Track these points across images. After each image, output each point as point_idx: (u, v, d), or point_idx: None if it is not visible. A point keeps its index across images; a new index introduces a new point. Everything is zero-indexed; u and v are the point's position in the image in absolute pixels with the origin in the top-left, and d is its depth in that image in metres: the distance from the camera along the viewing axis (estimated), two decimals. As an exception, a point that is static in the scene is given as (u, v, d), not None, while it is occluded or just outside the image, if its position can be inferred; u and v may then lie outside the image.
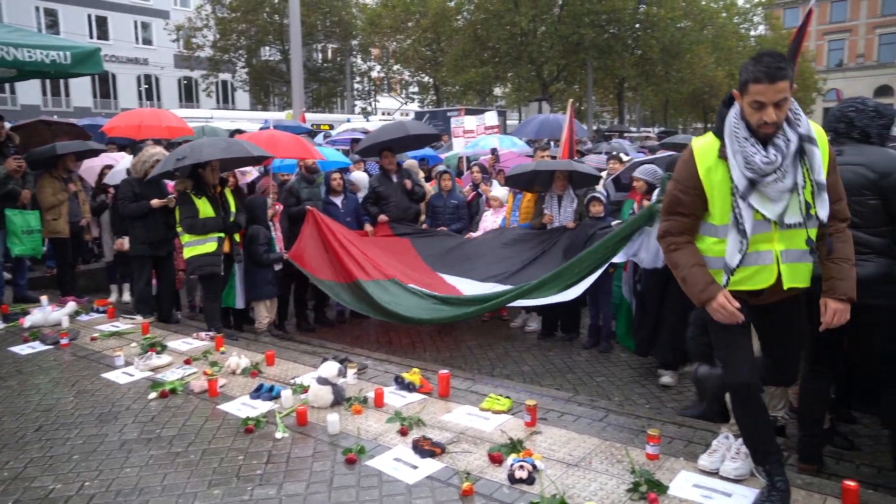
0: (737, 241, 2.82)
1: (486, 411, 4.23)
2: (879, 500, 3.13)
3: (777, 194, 2.75)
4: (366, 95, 41.77)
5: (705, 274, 2.91)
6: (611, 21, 29.44)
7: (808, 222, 2.78)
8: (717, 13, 35.97)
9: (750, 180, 2.75)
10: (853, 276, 2.87)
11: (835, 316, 2.87)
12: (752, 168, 2.73)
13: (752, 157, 2.73)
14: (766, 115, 2.66)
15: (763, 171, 2.72)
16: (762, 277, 2.88)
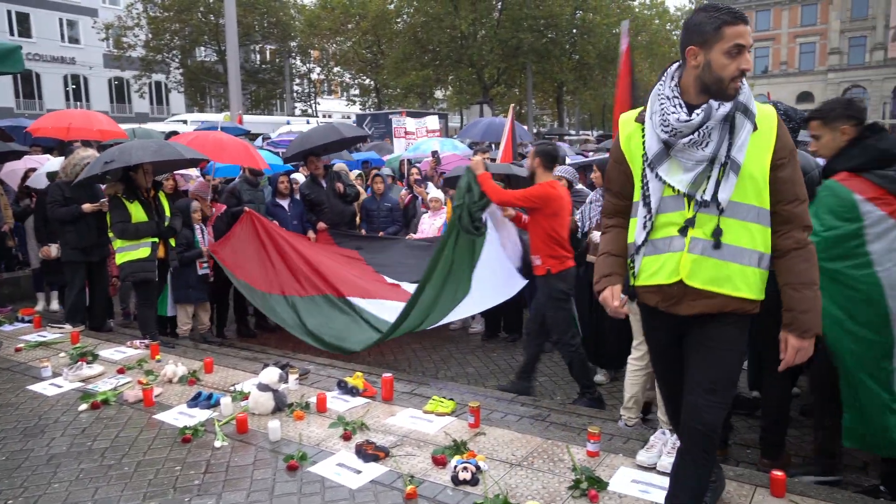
0: (642, 217, 2.46)
1: (430, 414, 4.23)
2: (805, 488, 3.28)
3: (692, 164, 2.35)
4: (306, 97, 41.23)
5: (609, 265, 2.65)
6: (549, 26, 29.97)
7: (710, 206, 2.34)
8: (650, 20, 37.13)
9: (664, 143, 2.37)
10: (818, 305, 2.39)
11: (797, 354, 2.39)
12: (667, 128, 2.35)
13: (668, 115, 2.35)
14: (745, 60, 2.28)
15: (677, 131, 2.32)
16: (668, 268, 2.42)
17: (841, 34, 56.60)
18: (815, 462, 3.70)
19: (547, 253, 4.89)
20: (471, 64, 30.42)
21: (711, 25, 2.28)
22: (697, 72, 2.33)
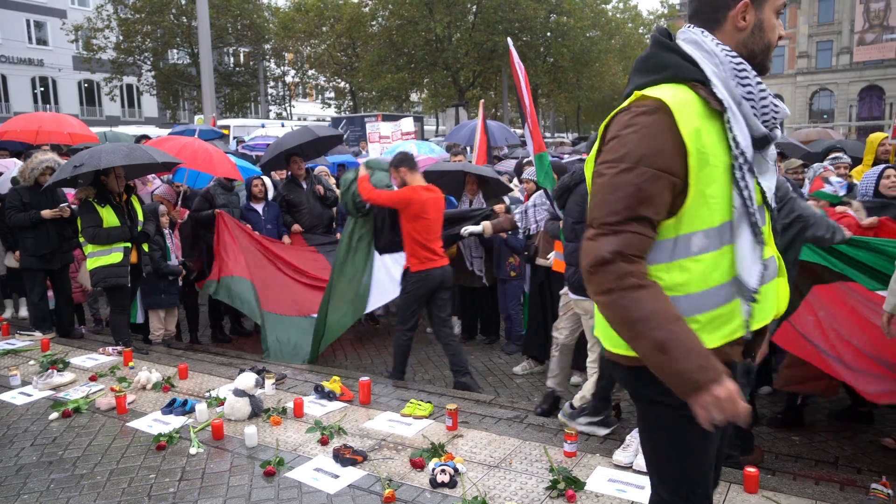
0: (750, 242, 1.71)
1: (408, 417, 4.24)
2: (777, 483, 3.35)
3: (771, 163, 1.81)
4: (280, 100, 40.96)
5: (698, 340, 1.62)
6: (523, 29, 30.14)
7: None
8: (623, 23, 37.56)
9: (763, 137, 1.74)
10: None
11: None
12: (767, 115, 1.74)
13: (768, 100, 1.74)
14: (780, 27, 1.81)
15: (778, 120, 1.78)
16: (771, 299, 1.83)
17: (809, 38, 57.87)
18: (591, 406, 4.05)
19: (409, 252, 5.24)
20: (446, 67, 30.49)
21: None
22: (743, 36, 1.75)
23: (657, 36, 1.81)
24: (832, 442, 4.21)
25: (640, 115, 1.67)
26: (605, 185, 1.68)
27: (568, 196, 4.19)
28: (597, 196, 1.70)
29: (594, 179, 1.74)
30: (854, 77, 55.54)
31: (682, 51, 1.74)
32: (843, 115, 54.71)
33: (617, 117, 1.73)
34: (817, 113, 55.72)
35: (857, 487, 3.42)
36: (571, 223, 4.11)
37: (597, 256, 1.65)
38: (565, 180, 4.20)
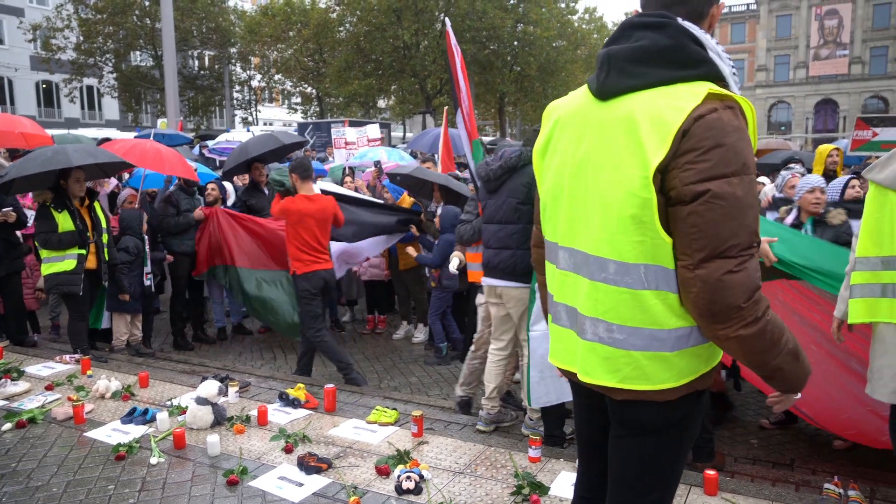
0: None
1: (374, 424, 4.22)
2: (736, 486, 3.42)
3: None
4: (246, 105, 40.49)
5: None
6: (490, 38, 30.36)
7: None
8: (588, 34, 38.09)
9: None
10: None
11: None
12: None
13: None
14: None
15: None
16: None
17: (767, 52, 59.55)
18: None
19: (293, 256, 5.46)
20: (413, 74, 30.53)
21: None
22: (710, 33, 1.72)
23: (679, 24, 1.62)
24: (789, 444, 4.32)
25: (736, 117, 1.53)
26: (739, 204, 1.49)
27: (510, 176, 4.05)
28: (734, 218, 1.49)
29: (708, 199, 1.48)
30: (810, 91, 57.27)
31: (707, 46, 1.62)
32: (799, 127, 56.34)
33: (706, 119, 1.50)
34: (775, 125, 57.24)
35: (812, 488, 3.52)
36: (516, 203, 4.01)
37: (751, 287, 1.52)
38: (511, 160, 4.01)
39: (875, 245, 2.91)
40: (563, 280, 1.80)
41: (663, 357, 1.63)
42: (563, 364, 1.86)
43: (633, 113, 1.58)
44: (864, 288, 2.95)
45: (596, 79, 1.70)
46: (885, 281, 2.84)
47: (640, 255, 1.59)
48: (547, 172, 1.85)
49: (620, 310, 1.63)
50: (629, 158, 1.57)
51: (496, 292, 4.20)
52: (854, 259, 3.03)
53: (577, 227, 1.74)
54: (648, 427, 1.72)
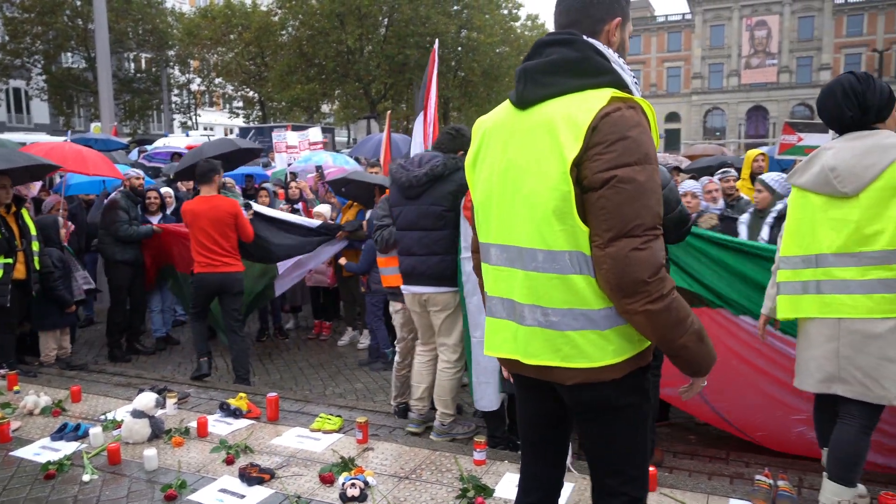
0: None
1: (317, 432, 4.17)
2: (674, 481, 3.52)
3: None
4: (185, 109, 39.47)
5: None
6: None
7: None
8: (531, 41, 38.71)
9: None
10: None
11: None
12: None
13: None
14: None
15: None
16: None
17: (702, 60, 61.69)
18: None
19: (193, 255, 5.63)
20: (357, 79, 30.39)
21: (623, 3, 1.94)
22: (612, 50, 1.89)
23: (585, 40, 1.83)
24: (725, 439, 4.46)
25: (637, 115, 1.72)
26: (642, 188, 1.67)
27: (434, 184, 4.02)
28: (637, 200, 1.66)
29: (615, 184, 1.65)
30: (742, 98, 59.58)
31: (610, 59, 1.83)
32: (733, 132, 58.55)
33: (611, 116, 1.68)
34: (710, 130, 59.37)
35: (745, 480, 3.65)
36: (441, 211, 4.01)
37: (656, 264, 1.67)
38: (437, 168, 3.99)
39: (797, 245, 3.04)
40: (497, 275, 1.95)
41: (597, 335, 1.78)
42: (502, 353, 1.97)
43: (551, 116, 1.77)
44: (787, 286, 3.08)
45: (516, 91, 1.89)
46: (807, 279, 2.97)
47: (563, 242, 1.75)
48: (478, 182, 2.02)
49: (553, 294, 1.79)
50: (550, 156, 1.75)
51: (420, 300, 4.16)
52: (779, 258, 3.17)
53: (506, 225, 1.90)
54: (602, 407, 1.87)
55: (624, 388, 1.84)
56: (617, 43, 1.90)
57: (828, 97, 2.97)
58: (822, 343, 2.91)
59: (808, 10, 58.94)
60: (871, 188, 2.76)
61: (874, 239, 2.76)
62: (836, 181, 2.83)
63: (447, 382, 4.22)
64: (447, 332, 4.19)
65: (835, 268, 2.85)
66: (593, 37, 1.85)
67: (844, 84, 2.91)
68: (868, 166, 2.76)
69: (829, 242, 2.88)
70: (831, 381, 2.90)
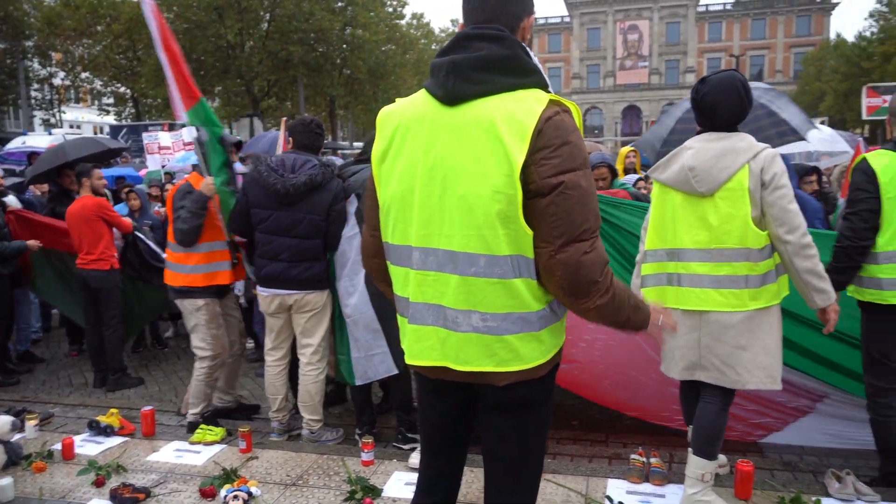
0: None
1: (198, 444, 3.99)
2: (557, 466, 3.65)
3: None
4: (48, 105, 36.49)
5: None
6: (319, 40, 29.96)
7: None
8: (416, 39, 38.95)
9: None
10: None
11: None
12: None
13: None
14: None
15: None
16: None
17: (580, 62, 64.58)
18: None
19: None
20: (239, 75, 29.30)
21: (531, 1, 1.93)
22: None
23: (513, 37, 1.79)
24: (605, 422, 4.67)
25: (572, 119, 1.74)
26: (587, 193, 1.71)
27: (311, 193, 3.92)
28: (584, 205, 1.69)
29: (563, 190, 1.67)
30: (617, 98, 62.92)
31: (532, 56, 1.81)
32: (610, 130, 61.76)
33: (553, 120, 1.69)
34: (590, 128, 62.19)
35: (622, 459, 3.85)
36: (318, 221, 3.95)
37: (603, 263, 1.74)
38: (317, 178, 3.91)
39: (660, 239, 3.21)
40: (423, 280, 1.83)
41: (533, 336, 1.79)
42: (428, 361, 1.87)
43: (489, 116, 1.70)
44: (652, 278, 3.25)
45: (442, 85, 1.77)
46: (670, 271, 3.15)
47: (507, 247, 1.71)
48: (390, 178, 1.87)
49: (492, 299, 1.75)
50: (491, 158, 1.68)
51: (286, 303, 4.06)
52: (644, 252, 3.34)
53: (433, 227, 1.78)
54: (526, 404, 1.88)
55: (546, 384, 1.90)
56: (528, 41, 1.88)
57: (729, 93, 2.99)
58: (685, 333, 3.09)
59: (675, 17, 63.16)
60: (723, 189, 2.92)
61: (725, 238, 2.94)
62: (693, 181, 2.98)
63: (313, 386, 4.13)
64: (311, 332, 4.11)
65: (692, 262, 3.03)
66: (511, 33, 1.82)
67: (741, 81, 3.01)
68: (722, 168, 2.92)
69: (687, 238, 3.04)
70: (694, 368, 3.10)
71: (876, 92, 8.27)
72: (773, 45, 63.35)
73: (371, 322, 3.97)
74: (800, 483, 3.52)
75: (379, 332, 3.98)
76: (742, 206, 2.90)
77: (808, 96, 45.83)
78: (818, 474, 3.61)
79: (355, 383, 4.13)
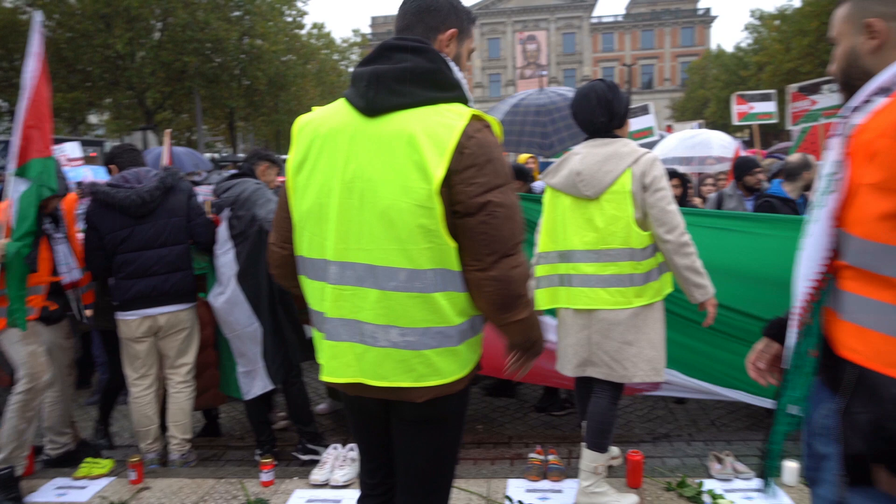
0: None
1: (83, 479, 3.75)
2: (459, 471, 3.66)
3: None
4: None
5: None
6: (215, 50, 29.02)
7: None
8: (318, 49, 38.43)
9: None
10: None
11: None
12: None
13: None
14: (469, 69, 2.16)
15: None
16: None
17: (482, 71, 65.96)
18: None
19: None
20: (130, 87, 27.94)
21: (466, 18, 1.97)
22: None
23: (435, 50, 1.81)
24: (508, 425, 4.77)
25: (492, 134, 1.77)
26: (512, 209, 1.74)
27: (167, 196, 3.86)
28: (510, 222, 1.73)
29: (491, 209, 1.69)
30: (519, 105, 64.36)
31: (454, 72, 1.83)
32: (513, 138, 63.14)
33: (476, 138, 1.70)
34: (494, 136, 63.46)
35: (524, 459, 3.93)
36: (182, 223, 3.90)
37: (527, 275, 1.79)
38: (167, 179, 3.85)
39: (552, 241, 3.33)
40: (339, 295, 1.78)
41: (451, 351, 1.78)
42: (344, 378, 1.83)
43: (410, 129, 1.69)
44: (545, 279, 3.36)
45: (363, 96, 1.75)
46: (562, 272, 3.26)
47: (429, 260, 1.70)
48: (306, 190, 1.82)
49: (412, 313, 1.73)
50: (413, 172, 1.67)
51: (156, 325, 3.90)
52: (537, 254, 3.44)
53: (351, 240, 1.75)
54: (443, 418, 1.89)
55: (463, 398, 1.92)
56: (452, 55, 1.89)
57: (583, 102, 3.19)
58: (577, 332, 3.20)
59: (570, 27, 65.66)
60: (608, 192, 3.06)
61: (611, 239, 3.08)
62: (580, 185, 3.11)
63: (186, 403, 4.06)
64: (185, 351, 4.03)
65: (581, 263, 3.16)
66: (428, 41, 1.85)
67: (598, 90, 3.17)
68: (607, 172, 3.06)
69: (576, 239, 3.17)
70: (585, 364, 3.21)
71: (743, 99, 8.87)
72: (662, 54, 66.95)
73: (256, 334, 3.88)
74: (686, 468, 3.72)
75: (259, 346, 3.90)
76: (626, 208, 3.05)
77: (694, 102, 48.73)
78: (703, 458, 3.82)
79: (247, 398, 4.01)
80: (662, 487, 3.38)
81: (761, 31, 37.97)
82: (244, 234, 3.85)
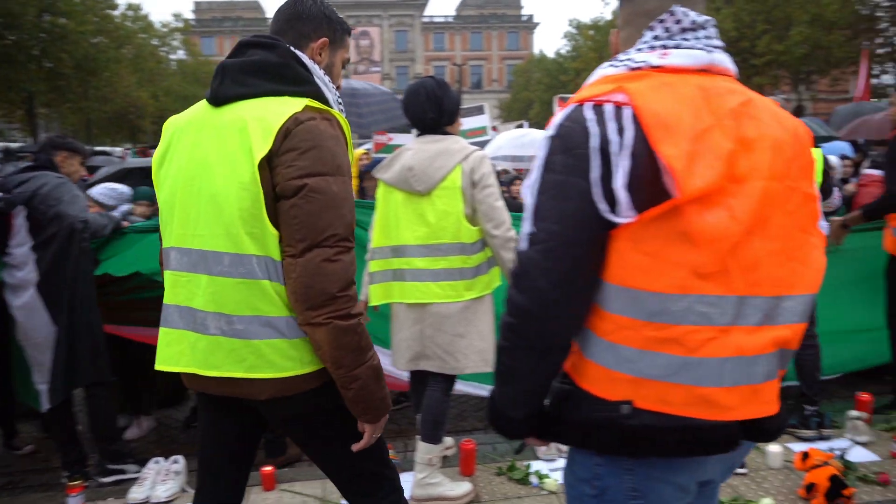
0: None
1: None
2: (294, 474, 3.59)
3: None
4: None
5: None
6: (9, 27, 25.75)
7: None
8: (134, 33, 35.41)
9: None
10: None
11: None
12: None
13: None
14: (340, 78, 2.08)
15: None
16: None
17: (390, 62, 64.82)
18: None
19: None
20: None
21: (341, 29, 2.00)
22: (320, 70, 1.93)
23: (288, 47, 1.83)
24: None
25: (333, 128, 1.73)
26: (335, 198, 1.66)
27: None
28: (329, 210, 1.66)
29: (307, 193, 1.64)
30: (356, 101, 64.29)
31: (314, 73, 1.85)
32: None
33: (306, 124, 1.68)
34: (329, 131, 62.87)
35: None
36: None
37: (346, 279, 1.66)
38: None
39: (385, 236, 3.33)
40: (176, 281, 1.79)
41: (285, 343, 1.71)
42: (177, 367, 1.79)
43: (243, 116, 1.72)
44: (379, 274, 3.36)
45: (211, 87, 1.80)
46: (395, 267, 3.28)
47: (251, 245, 1.68)
48: (165, 182, 1.85)
49: (238, 300, 1.70)
50: (240, 156, 1.68)
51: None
52: (371, 250, 3.43)
53: (189, 226, 1.76)
54: (304, 414, 1.82)
55: (324, 395, 1.77)
56: (323, 63, 1.92)
57: (413, 98, 3.22)
58: (410, 326, 3.24)
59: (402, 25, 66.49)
60: (439, 188, 3.12)
61: (442, 234, 3.14)
62: (412, 180, 3.15)
63: None
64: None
65: (413, 258, 3.19)
66: (297, 49, 1.87)
67: (427, 87, 3.21)
68: (438, 168, 3.12)
69: (409, 235, 3.20)
70: (419, 358, 3.25)
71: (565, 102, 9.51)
72: (490, 56, 69.88)
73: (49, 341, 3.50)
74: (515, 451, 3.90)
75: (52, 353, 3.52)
76: (456, 203, 3.12)
77: (519, 104, 51.48)
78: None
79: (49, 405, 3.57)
80: (494, 472, 3.53)
81: (578, 40, 40.97)
82: (48, 238, 3.45)
